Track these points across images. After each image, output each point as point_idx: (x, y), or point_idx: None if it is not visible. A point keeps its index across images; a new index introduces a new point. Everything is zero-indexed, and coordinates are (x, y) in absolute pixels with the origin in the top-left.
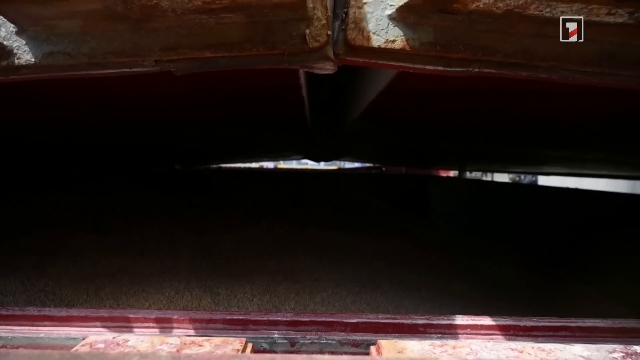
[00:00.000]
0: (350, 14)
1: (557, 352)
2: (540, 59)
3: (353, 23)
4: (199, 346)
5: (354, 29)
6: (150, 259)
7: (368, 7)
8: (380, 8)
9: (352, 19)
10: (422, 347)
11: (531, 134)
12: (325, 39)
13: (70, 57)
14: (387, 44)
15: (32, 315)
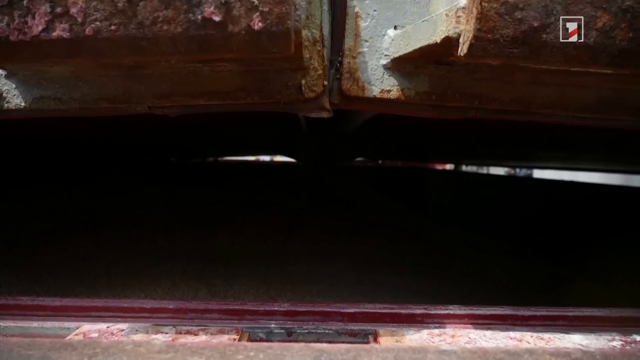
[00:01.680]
0: (345, 63)
1: (556, 340)
2: (537, 107)
3: (348, 73)
4: (195, 336)
5: (349, 79)
6: (146, 250)
7: (362, 57)
8: (375, 57)
9: (347, 69)
10: (420, 336)
11: (526, 138)
12: (321, 89)
13: (60, 102)
14: (383, 94)
15: (25, 304)
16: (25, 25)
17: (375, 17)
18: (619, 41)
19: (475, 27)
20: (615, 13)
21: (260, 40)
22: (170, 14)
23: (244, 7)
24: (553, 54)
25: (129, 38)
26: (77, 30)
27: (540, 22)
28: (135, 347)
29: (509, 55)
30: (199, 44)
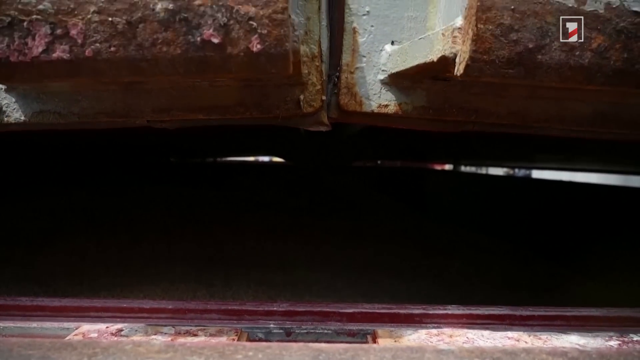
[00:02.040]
0: (343, 78)
1: (553, 340)
2: (533, 121)
3: (345, 88)
4: (194, 336)
5: (347, 94)
6: (145, 250)
7: (360, 72)
8: (372, 73)
9: (345, 84)
10: (418, 336)
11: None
12: (319, 104)
13: (60, 116)
14: (380, 109)
15: (24, 305)
16: (26, 46)
17: (373, 32)
18: (613, 61)
19: (471, 48)
20: (610, 34)
21: (259, 62)
22: (170, 36)
23: (242, 29)
24: (549, 74)
25: (129, 59)
26: (77, 51)
27: (535, 43)
28: (135, 347)
29: (504, 75)
30: (197, 65)
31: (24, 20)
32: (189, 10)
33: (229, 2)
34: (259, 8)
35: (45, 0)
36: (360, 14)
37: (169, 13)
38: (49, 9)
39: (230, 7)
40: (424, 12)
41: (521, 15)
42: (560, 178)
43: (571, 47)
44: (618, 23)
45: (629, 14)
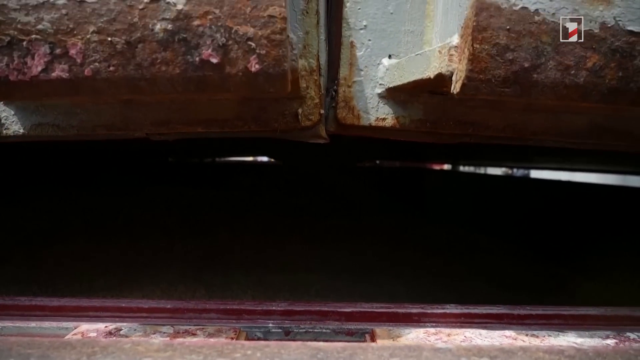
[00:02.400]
0: (340, 92)
1: (550, 339)
2: (530, 133)
3: (343, 102)
4: (192, 335)
5: (344, 108)
6: (144, 250)
7: (358, 86)
8: (370, 86)
9: (342, 97)
10: (416, 335)
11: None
12: (317, 117)
13: (59, 128)
14: (378, 122)
15: (23, 305)
16: (25, 65)
17: (370, 46)
18: (608, 80)
19: (467, 67)
20: (605, 53)
21: (257, 81)
22: (169, 56)
23: (241, 49)
24: (544, 92)
25: (128, 78)
26: (76, 70)
27: (531, 62)
28: (134, 346)
29: (500, 94)
30: (196, 84)
31: (23, 39)
32: (188, 30)
33: (228, 22)
34: (257, 29)
35: (44, 20)
36: (358, 28)
37: (168, 33)
38: (48, 28)
39: (229, 28)
40: (420, 26)
41: (517, 35)
42: (558, 178)
43: (566, 66)
44: (613, 42)
45: (624, 33)
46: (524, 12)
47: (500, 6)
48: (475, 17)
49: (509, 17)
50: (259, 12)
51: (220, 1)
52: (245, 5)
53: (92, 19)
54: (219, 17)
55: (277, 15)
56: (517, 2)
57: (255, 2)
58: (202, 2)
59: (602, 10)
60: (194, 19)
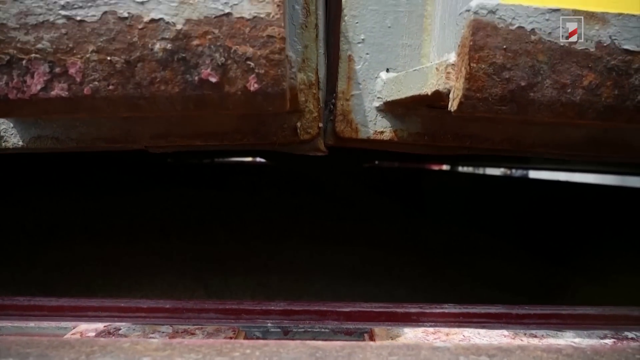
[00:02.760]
0: (338, 105)
1: (549, 338)
2: (528, 146)
3: (341, 115)
4: (191, 334)
5: (342, 121)
6: (142, 250)
7: (356, 99)
8: (368, 100)
9: (340, 111)
10: (415, 334)
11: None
12: (316, 131)
13: (58, 141)
14: (376, 135)
15: (22, 304)
16: (24, 84)
17: (368, 60)
18: (604, 98)
19: (464, 86)
20: (601, 72)
21: (256, 100)
22: (168, 75)
23: (240, 69)
24: (541, 110)
25: (127, 97)
26: (76, 89)
27: (527, 81)
28: (133, 345)
29: (497, 112)
30: (195, 103)
31: (22, 58)
32: (187, 50)
33: (227, 42)
34: (256, 48)
35: (44, 39)
36: (356, 41)
37: (167, 53)
38: (47, 47)
39: (228, 47)
40: (418, 39)
41: (513, 54)
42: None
43: (563, 84)
44: (609, 61)
45: (620, 52)
46: (520, 32)
47: (497, 26)
48: (472, 36)
49: (506, 36)
50: (258, 32)
51: (219, 21)
52: (244, 26)
53: (91, 38)
54: (218, 37)
55: (276, 35)
56: (514, 22)
57: (254, 22)
58: (201, 22)
59: (598, 29)
60: (193, 39)
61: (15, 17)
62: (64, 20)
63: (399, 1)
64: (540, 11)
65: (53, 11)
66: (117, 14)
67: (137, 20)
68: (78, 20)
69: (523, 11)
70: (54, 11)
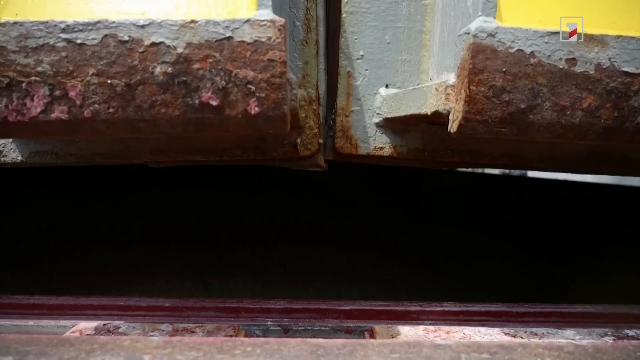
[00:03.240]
0: (338, 122)
1: (549, 336)
2: (527, 161)
3: (341, 131)
4: (191, 332)
5: (342, 137)
6: (141, 250)
7: (355, 115)
8: (367, 116)
9: (340, 127)
10: (415, 332)
11: None
12: (316, 147)
13: (57, 156)
14: (376, 151)
15: (21, 303)
16: (24, 106)
17: (367, 76)
18: (604, 120)
19: (464, 108)
20: (601, 94)
21: (257, 123)
22: (168, 98)
23: (241, 92)
24: (540, 132)
25: (127, 120)
26: (76, 112)
27: (527, 103)
28: (133, 343)
29: (497, 133)
30: (196, 125)
31: (22, 81)
32: (188, 73)
33: (228, 66)
34: (257, 72)
35: (44, 62)
36: (355, 57)
37: (168, 76)
38: (47, 70)
39: (229, 71)
40: (417, 55)
41: (513, 77)
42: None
43: (562, 106)
44: (608, 83)
45: (620, 74)
46: (519, 55)
47: (496, 49)
48: (471, 59)
49: (505, 59)
50: (259, 56)
51: (220, 45)
52: (246, 49)
53: (92, 61)
54: (219, 60)
55: (277, 59)
56: (513, 45)
57: (255, 46)
58: (202, 46)
59: (597, 52)
60: (194, 62)
61: (15, 40)
62: (64, 43)
63: (398, 17)
64: (540, 34)
65: (53, 34)
66: (117, 37)
67: (137, 43)
68: (78, 44)
69: (522, 34)
70: (54, 34)
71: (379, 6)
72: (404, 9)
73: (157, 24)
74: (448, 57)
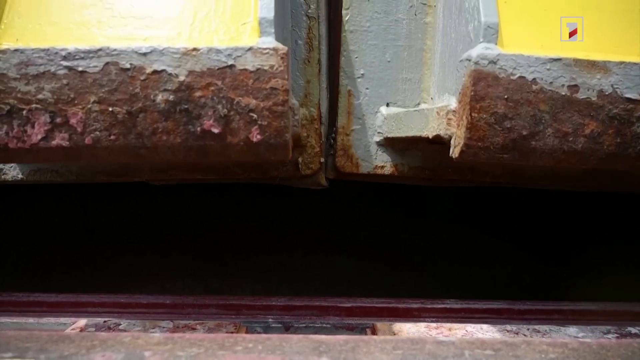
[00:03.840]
0: (339, 140)
1: (552, 333)
2: (528, 179)
3: (342, 150)
4: (192, 330)
5: (343, 156)
6: (141, 249)
7: (356, 134)
8: (368, 135)
9: (341, 146)
10: (417, 329)
11: None
12: (318, 166)
13: (58, 174)
14: (377, 170)
15: (21, 301)
16: (25, 133)
17: (368, 94)
18: (606, 146)
19: (466, 135)
20: (603, 120)
21: (259, 151)
22: (170, 126)
23: (242, 120)
24: (542, 158)
25: (128, 147)
26: (77, 139)
27: (529, 130)
28: (134, 339)
29: (499, 159)
30: (197, 152)
31: (23, 108)
32: (190, 101)
33: (230, 94)
34: (259, 100)
35: (45, 89)
36: (355, 76)
37: (169, 104)
38: (48, 98)
39: (231, 99)
40: (418, 73)
41: (515, 104)
42: None
43: (565, 133)
44: (611, 110)
45: (622, 101)
46: (521, 82)
47: (498, 76)
48: (472, 86)
49: (507, 86)
50: (261, 84)
51: (222, 73)
52: (248, 77)
53: (93, 89)
54: (221, 88)
55: (279, 87)
56: (515, 72)
57: (258, 74)
58: (204, 74)
59: (600, 79)
60: (195, 90)
61: (15, 67)
62: (66, 70)
63: (399, 36)
64: (542, 61)
65: (54, 62)
66: (119, 65)
67: (139, 71)
68: (80, 71)
69: (524, 61)
70: (55, 62)
71: (379, 25)
72: (404, 28)
73: (159, 51)
74: (449, 79)
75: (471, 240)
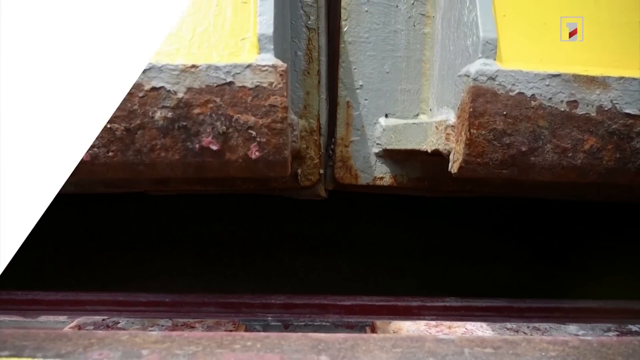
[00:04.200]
0: (338, 152)
1: (552, 331)
2: (528, 189)
3: (340, 161)
4: (191, 328)
5: (342, 167)
6: (140, 249)
7: (355, 145)
8: (367, 146)
9: (340, 157)
10: (417, 327)
11: None
12: (317, 177)
13: None
14: (376, 181)
15: (19, 299)
16: None
17: (367, 105)
18: (606, 161)
19: (464, 151)
20: (602, 136)
21: (257, 167)
22: (168, 142)
23: (241, 137)
24: (542, 173)
25: (127, 163)
26: None
27: (528, 146)
28: (132, 337)
29: (498, 175)
30: (195, 169)
31: None
32: (188, 118)
33: (229, 111)
34: (258, 117)
35: None
36: (354, 87)
37: (168, 121)
38: None
39: (229, 116)
40: (417, 84)
41: (513, 120)
42: None
43: (564, 148)
44: (610, 125)
45: (621, 116)
46: (520, 98)
47: (497, 92)
48: (471, 102)
49: (506, 102)
50: (260, 101)
51: (221, 90)
52: (247, 95)
53: None
54: (220, 105)
55: (278, 104)
56: (514, 88)
57: (257, 91)
58: (203, 91)
59: (599, 94)
60: (194, 107)
61: None
62: None
63: (397, 46)
64: (541, 77)
65: None
66: None
67: (137, 88)
68: None
69: (523, 77)
70: None
71: (377, 35)
72: (402, 38)
73: (157, 68)
74: (448, 92)
75: (471, 241)
